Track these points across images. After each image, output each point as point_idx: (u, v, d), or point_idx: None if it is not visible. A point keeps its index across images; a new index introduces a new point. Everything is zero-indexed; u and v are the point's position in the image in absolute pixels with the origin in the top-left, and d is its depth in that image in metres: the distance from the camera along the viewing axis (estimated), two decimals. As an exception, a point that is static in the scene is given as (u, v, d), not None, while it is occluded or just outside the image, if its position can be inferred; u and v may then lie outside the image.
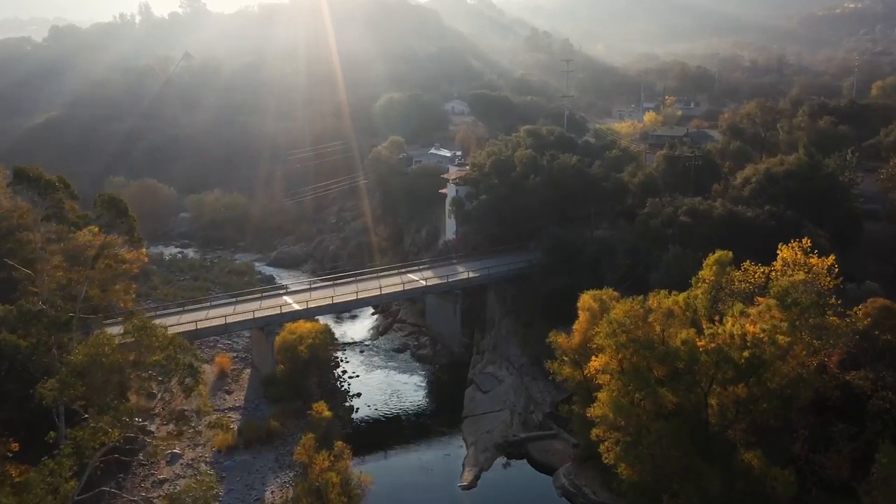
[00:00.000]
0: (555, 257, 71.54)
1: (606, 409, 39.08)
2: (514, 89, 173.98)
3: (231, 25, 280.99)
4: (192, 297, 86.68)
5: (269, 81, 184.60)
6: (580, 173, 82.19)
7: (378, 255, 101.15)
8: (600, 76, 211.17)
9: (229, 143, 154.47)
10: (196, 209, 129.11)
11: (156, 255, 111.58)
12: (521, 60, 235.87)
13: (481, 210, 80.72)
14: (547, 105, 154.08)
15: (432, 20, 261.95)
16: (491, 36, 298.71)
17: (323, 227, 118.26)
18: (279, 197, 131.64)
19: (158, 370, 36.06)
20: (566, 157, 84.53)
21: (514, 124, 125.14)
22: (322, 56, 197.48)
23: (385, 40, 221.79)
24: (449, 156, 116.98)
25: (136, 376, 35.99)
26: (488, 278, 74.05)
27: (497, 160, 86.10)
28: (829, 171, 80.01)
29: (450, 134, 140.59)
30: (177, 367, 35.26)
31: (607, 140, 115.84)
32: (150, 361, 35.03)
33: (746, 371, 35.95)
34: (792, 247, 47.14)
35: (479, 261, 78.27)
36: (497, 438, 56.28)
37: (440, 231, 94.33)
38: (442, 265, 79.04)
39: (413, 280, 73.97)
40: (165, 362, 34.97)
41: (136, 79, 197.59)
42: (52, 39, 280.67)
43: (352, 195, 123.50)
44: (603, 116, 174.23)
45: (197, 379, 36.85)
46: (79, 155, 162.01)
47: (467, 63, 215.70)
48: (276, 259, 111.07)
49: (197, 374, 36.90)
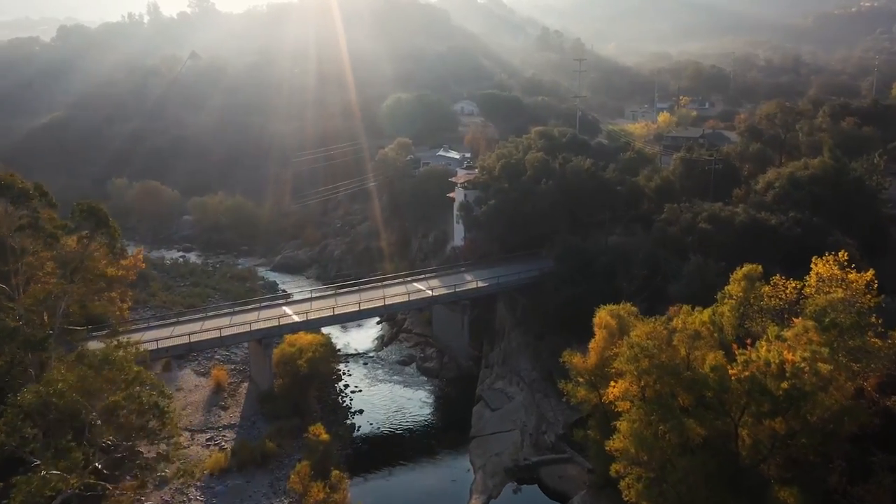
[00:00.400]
0: (567, 266, 68.06)
1: (627, 442, 35.58)
2: (524, 89, 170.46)
3: (239, 25, 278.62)
4: (191, 305, 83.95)
5: (276, 81, 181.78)
6: (594, 177, 78.60)
7: (384, 261, 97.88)
8: (612, 76, 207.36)
9: (234, 144, 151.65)
10: (199, 212, 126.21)
11: (157, 259, 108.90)
12: (532, 60, 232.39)
13: (490, 215, 77.22)
14: (558, 105, 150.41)
15: (441, 19, 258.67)
16: (501, 35, 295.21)
17: (328, 231, 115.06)
18: (284, 199, 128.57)
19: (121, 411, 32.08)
20: (579, 160, 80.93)
21: (524, 125, 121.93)
22: (330, 55, 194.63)
23: (393, 39, 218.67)
24: (457, 158, 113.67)
25: (94, 419, 31.97)
26: (498, 288, 70.58)
27: (507, 163, 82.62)
28: (857, 175, 76.18)
29: (459, 135, 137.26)
30: (140, 408, 31.62)
31: (621, 142, 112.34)
32: (109, 404, 31.26)
33: (784, 403, 32.37)
34: (827, 260, 43.41)
35: (488, 269, 74.80)
36: (507, 462, 52.82)
37: (448, 236, 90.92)
38: (449, 273, 75.63)
39: (419, 290, 70.55)
40: (125, 403, 31.32)
41: (142, 79, 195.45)
42: (59, 39, 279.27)
43: (358, 198, 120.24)
44: (615, 117, 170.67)
45: (165, 420, 33.19)
46: (82, 156, 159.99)
47: (477, 63, 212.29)
48: (279, 264, 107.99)
49: (165, 415, 33.24)
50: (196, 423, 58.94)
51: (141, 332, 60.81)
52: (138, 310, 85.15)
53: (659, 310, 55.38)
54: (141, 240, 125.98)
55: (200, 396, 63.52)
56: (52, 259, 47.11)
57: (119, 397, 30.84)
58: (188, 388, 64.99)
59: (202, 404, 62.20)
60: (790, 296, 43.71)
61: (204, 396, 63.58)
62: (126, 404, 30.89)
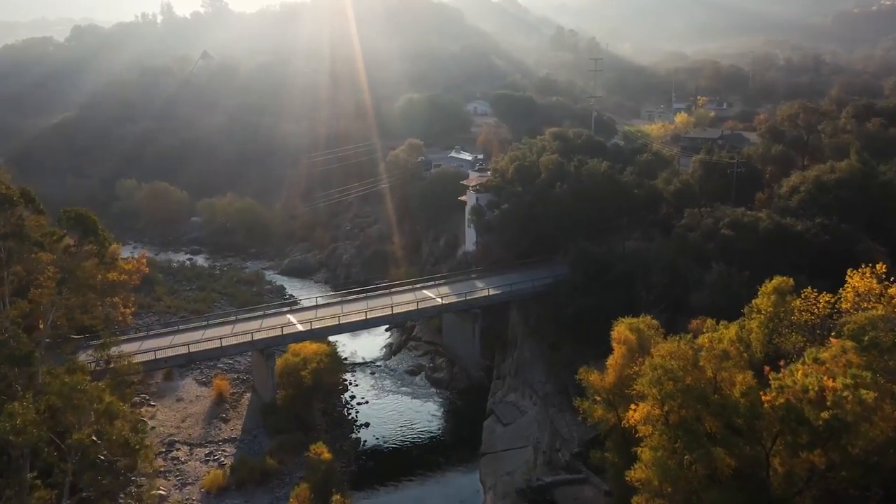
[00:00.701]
0: (583, 273, 65.22)
1: (650, 472, 32.83)
2: (538, 89, 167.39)
3: (252, 25, 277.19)
4: (195, 310, 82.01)
5: (288, 81, 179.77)
6: (611, 180, 75.69)
7: (393, 265, 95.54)
8: (628, 76, 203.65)
9: (245, 144, 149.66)
10: (208, 214, 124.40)
11: (164, 262, 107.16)
12: (547, 60, 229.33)
13: (503, 220, 74.54)
14: (573, 106, 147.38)
15: (455, 18, 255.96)
16: (515, 34, 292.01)
17: (338, 234, 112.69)
18: (294, 201, 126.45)
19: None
20: (595, 162, 78.07)
21: (538, 126, 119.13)
22: (342, 55, 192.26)
23: (406, 39, 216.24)
24: (469, 159, 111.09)
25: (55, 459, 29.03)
26: (510, 296, 67.92)
27: (520, 166, 79.94)
28: (886, 178, 72.80)
29: (472, 136, 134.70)
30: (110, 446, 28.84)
31: (638, 143, 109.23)
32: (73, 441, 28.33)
33: (824, 435, 29.52)
34: (863, 273, 40.38)
35: (500, 275, 72.17)
36: (519, 482, 50.17)
37: (459, 240, 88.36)
38: (460, 280, 73.02)
39: (428, 297, 68.00)
40: (89, 443, 28.49)
41: (153, 79, 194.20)
42: (73, 39, 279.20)
43: (370, 199, 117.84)
44: (631, 118, 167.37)
45: (137, 457, 30.50)
46: (91, 156, 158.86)
47: (490, 62, 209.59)
48: (287, 267, 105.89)
49: (136, 453, 30.53)
50: (195, 437, 56.73)
51: (140, 341, 58.76)
52: (142, 315, 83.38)
53: (680, 321, 52.67)
54: (149, 242, 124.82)
55: (201, 408, 61.33)
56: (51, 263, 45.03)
57: (83, 435, 28.11)
58: (189, 399, 62.85)
59: (202, 416, 60.01)
60: (823, 311, 40.71)
61: (205, 408, 61.39)
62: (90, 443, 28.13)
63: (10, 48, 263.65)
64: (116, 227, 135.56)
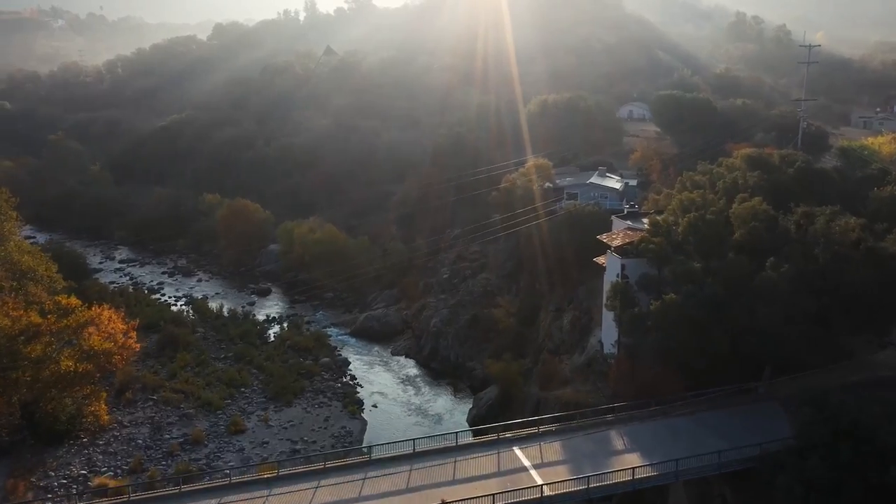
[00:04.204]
0: (823, 439, 33.29)
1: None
2: (715, 89, 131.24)
3: (391, 20, 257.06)
4: (206, 402, 58.08)
5: (408, 80, 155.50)
6: (872, 256, 42.26)
7: (495, 339, 66.88)
8: (833, 72, 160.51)
9: (345, 153, 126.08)
10: (286, 242, 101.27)
11: (218, 303, 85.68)
12: (723, 53, 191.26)
13: (666, 317, 43.23)
14: (764, 111, 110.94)
15: (612, 5, 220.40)
16: (683, 24, 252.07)
17: (432, 283, 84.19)
18: (388, 229, 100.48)
19: None
20: (838, 217, 44.83)
21: (717, 140, 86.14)
22: (476, 50, 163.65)
23: (553, 30, 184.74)
24: (618, 188, 79.32)
25: None
26: (676, 476, 36.68)
27: (698, 219, 48.01)
28: None
29: (624, 149, 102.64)
30: None
31: (874, 168, 72.73)
32: None
33: None
34: None
35: (654, 420, 41.08)
36: None
37: (594, 323, 57.81)
38: (584, 429, 42.03)
39: (518, 465, 38.07)
40: None
41: (270, 77, 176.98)
42: (215, 37, 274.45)
43: (480, 235, 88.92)
44: (839, 124, 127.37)
45: None
46: (189, 162, 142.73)
47: (652, 56, 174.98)
48: (362, 326, 79.74)
49: None
50: None
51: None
52: (138, 403, 60.25)
53: None
54: (219, 273, 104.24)
55: None
56: None
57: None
58: None
59: None
60: None
61: None
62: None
63: (156, 48, 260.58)
64: (192, 251, 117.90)
